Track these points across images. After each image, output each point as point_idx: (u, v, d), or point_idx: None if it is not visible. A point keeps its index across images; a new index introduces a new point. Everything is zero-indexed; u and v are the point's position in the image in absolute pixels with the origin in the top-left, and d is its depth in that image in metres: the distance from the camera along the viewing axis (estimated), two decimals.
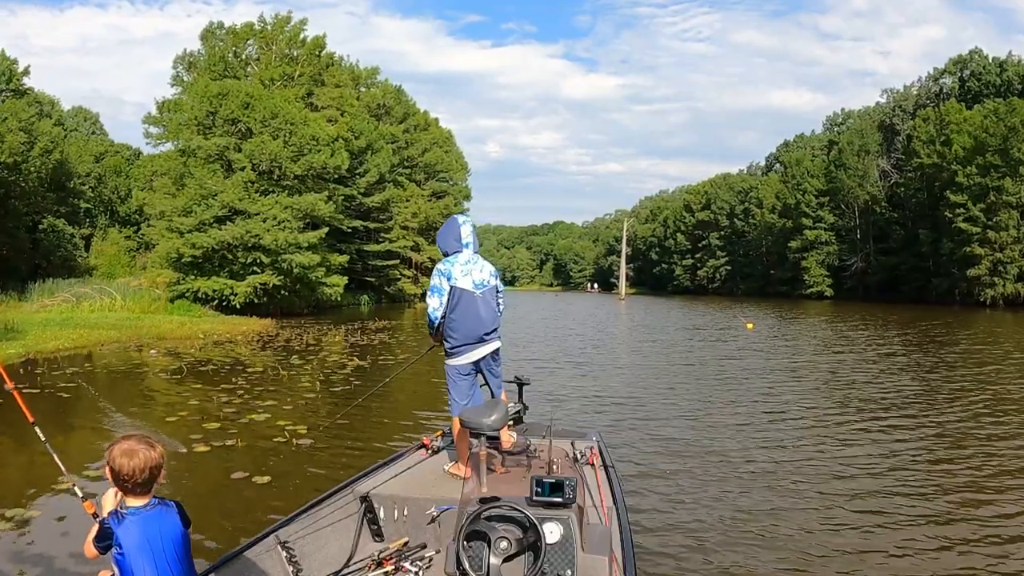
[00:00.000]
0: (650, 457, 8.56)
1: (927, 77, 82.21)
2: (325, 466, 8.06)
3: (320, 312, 39.16)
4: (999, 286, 55.56)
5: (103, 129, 78.91)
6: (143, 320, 27.05)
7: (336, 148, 37.18)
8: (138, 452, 2.88)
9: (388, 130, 56.80)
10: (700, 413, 11.38)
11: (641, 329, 30.84)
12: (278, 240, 32.97)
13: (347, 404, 11.69)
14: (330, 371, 15.86)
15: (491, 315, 5.38)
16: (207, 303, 33.93)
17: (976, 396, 12.90)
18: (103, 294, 32.27)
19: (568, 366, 17.31)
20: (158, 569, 2.85)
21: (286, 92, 38.85)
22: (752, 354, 20.36)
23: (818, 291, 77.79)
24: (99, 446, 8.06)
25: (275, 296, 35.04)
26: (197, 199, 33.32)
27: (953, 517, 6.53)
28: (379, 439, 9.21)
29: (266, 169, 34.61)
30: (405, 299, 58.92)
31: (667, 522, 6.36)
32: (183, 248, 33.11)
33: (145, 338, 22.27)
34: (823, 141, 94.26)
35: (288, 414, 10.81)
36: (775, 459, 8.50)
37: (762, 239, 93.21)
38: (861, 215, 75.28)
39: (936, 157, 59.70)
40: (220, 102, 35.03)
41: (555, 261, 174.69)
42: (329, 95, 43.75)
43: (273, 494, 7.05)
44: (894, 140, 76.72)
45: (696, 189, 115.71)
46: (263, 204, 33.63)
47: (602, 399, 12.61)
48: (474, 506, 3.53)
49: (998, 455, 8.71)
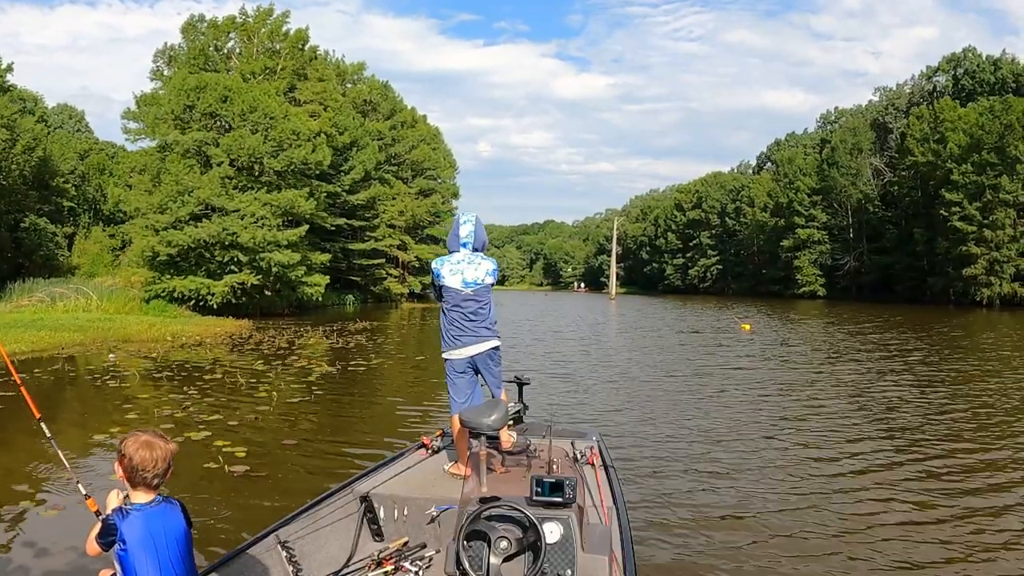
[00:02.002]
0: (650, 457, 8.44)
1: (920, 75, 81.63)
2: (255, 499, 6.79)
3: (302, 312, 38.01)
4: (995, 286, 54.80)
5: (88, 127, 77.76)
6: (114, 321, 25.86)
7: (318, 143, 35.98)
8: (156, 444, 2.94)
9: (374, 126, 55.67)
10: (700, 416, 11.08)
11: (635, 332, 29.74)
12: (256, 238, 31.79)
13: (304, 418, 10.60)
14: (293, 379, 14.62)
15: (483, 313, 5.40)
16: (184, 303, 32.78)
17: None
18: (80, 294, 31.19)
19: (560, 372, 16.20)
20: (160, 566, 2.86)
21: (266, 86, 37.61)
22: (751, 357, 19.39)
23: (811, 291, 77.04)
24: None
25: (254, 296, 33.91)
26: (173, 195, 32.15)
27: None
28: (324, 470, 7.74)
29: (245, 165, 33.44)
30: (392, 299, 57.75)
31: (667, 522, 6.29)
32: (158, 246, 31.95)
33: (111, 340, 21.10)
34: (815, 140, 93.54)
35: (231, 432, 9.46)
36: (776, 460, 8.41)
37: (754, 238, 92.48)
38: (854, 214, 74.55)
39: (931, 155, 58.97)
40: (198, 95, 33.87)
41: (545, 260, 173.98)
42: (312, 89, 42.50)
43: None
44: (887, 138, 76.05)
45: (687, 188, 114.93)
46: (241, 201, 32.45)
47: (598, 402, 12.18)
48: (474, 506, 3.54)
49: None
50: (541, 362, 17.96)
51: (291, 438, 9.24)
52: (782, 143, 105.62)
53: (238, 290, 32.74)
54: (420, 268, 61.11)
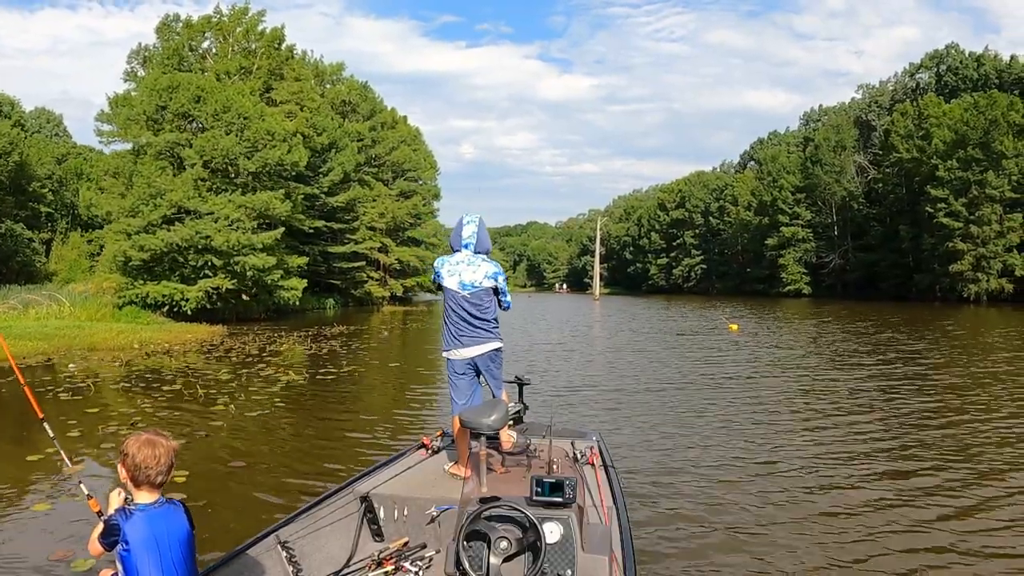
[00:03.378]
0: (650, 457, 8.42)
1: (903, 72, 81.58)
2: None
3: (280, 317, 37.01)
4: (982, 282, 54.54)
5: (67, 131, 76.64)
6: (84, 329, 24.79)
7: (294, 144, 35.05)
8: (158, 442, 2.95)
9: (353, 127, 54.68)
10: (697, 417, 10.95)
11: (623, 334, 29.05)
12: (230, 241, 30.79)
13: (260, 436, 9.75)
14: (256, 389, 13.65)
15: (480, 314, 5.37)
16: (158, 309, 31.77)
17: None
18: (53, 300, 30.18)
19: (551, 375, 15.45)
20: (163, 567, 2.85)
21: (241, 85, 36.68)
22: (742, 361, 18.79)
23: (795, 289, 76.73)
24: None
25: (230, 301, 32.94)
26: (145, 199, 31.16)
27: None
28: (269, 501, 6.85)
29: (219, 166, 32.49)
30: (373, 302, 56.67)
31: (668, 522, 6.26)
32: (130, 251, 30.90)
33: (75, 349, 20.12)
34: (798, 138, 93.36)
35: (50, 491, 7.68)
36: (776, 461, 8.33)
37: (738, 237, 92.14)
38: (838, 211, 74.33)
39: (915, 151, 58.73)
40: (170, 96, 32.87)
41: (528, 261, 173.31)
42: (288, 89, 41.51)
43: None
44: (870, 136, 75.91)
45: (670, 187, 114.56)
46: (215, 203, 31.48)
47: (595, 403, 11.88)
48: (474, 506, 3.54)
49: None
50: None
51: (242, 459, 8.37)
52: (765, 142, 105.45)
53: (213, 295, 31.74)
54: (401, 271, 60.13)
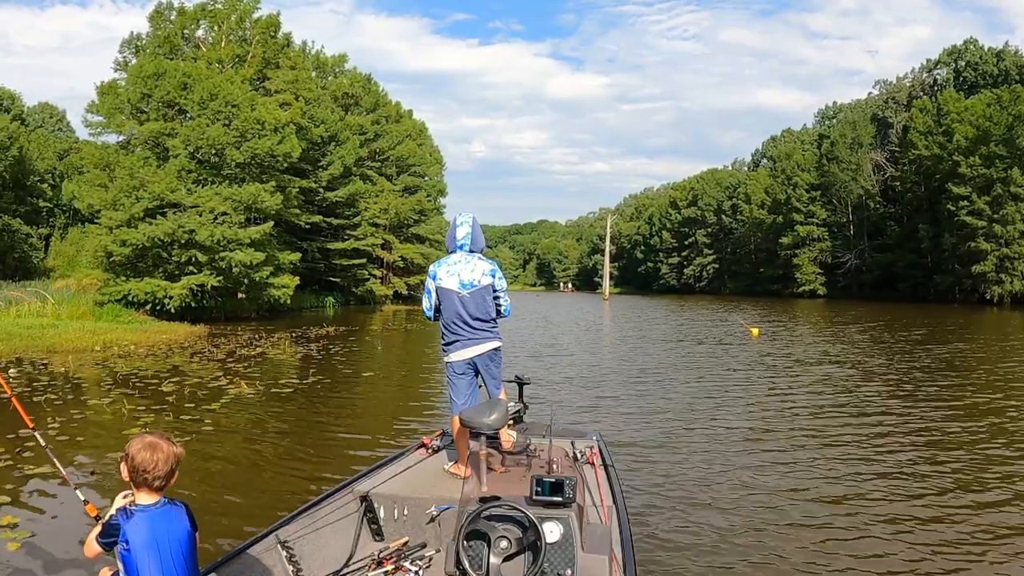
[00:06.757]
0: (650, 457, 8.37)
1: (920, 68, 79.41)
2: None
3: (275, 316, 35.38)
4: (1006, 283, 52.47)
5: (69, 126, 75.45)
6: (55, 328, 23.15)
7: (286, 134, 33.40)
8: (161, 445, 2.91)
9: (355, 120, 53.09)
10: (696, 419, 10.81)
11: (633, 340, 27.26)
12: (215, 236, 29.15)
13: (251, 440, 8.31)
14: (195, 404, 11.62)
15: (480, 314, 5.31)
16: (141, 307, 30.20)
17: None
18: (38, 298, 28.68)
19: (552, 380, 13.75)
20: (163, 567, 2.83)
21: (230, 73, 35.08)
22: (767, 369, 17.14)
23: (811, 289, 74.74)
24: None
25: (217, 299, 31.33)
26: (127, 190, 29.60)
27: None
28: (268, 507, 6.34)
29: (206, 157, 30.88)
30: (375, 301, 55.02)
31: (667, 521, 6.23)
32: (112, 246, 29.34)
33: (33, 350, 18.55)
34: (813, 135, 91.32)
35: (38, 499, 6.73)
36: (777, 461, 8.29)
37: (751, 236, 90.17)
38: (854, 210, 72.33)
39: (936, 148, 56.72)
40: (155, 83, 31.33)
41: (538, 260, 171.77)
42: (284, 78, 39.93)
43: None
44: (887, 133, 73.80)
45: (682, 185, 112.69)
46: (199, 196, 29.87)
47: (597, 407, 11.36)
48: (474, 505, 3.51)
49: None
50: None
51: (234, 463, 7.27)
52: (778, 139, 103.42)
53: (198, 293, 30.14)
54: (405, 268, 58.48)
